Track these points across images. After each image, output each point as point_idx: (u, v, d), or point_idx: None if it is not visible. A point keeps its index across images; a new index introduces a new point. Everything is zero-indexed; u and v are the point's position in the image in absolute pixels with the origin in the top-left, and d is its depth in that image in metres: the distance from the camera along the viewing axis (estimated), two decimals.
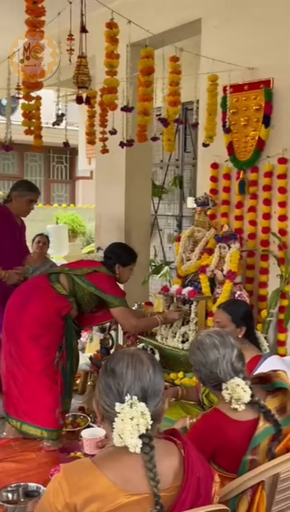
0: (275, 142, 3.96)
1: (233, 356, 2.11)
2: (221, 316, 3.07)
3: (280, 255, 3.90)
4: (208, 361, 2.11)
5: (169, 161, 7.40)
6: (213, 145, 4.13)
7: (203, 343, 2.15)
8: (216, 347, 2.11)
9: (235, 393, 2.00)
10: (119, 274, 3.77)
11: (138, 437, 1.46)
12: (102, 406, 1.55)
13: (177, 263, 4.34)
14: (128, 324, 3.73)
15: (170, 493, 1.49)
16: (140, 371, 1.53)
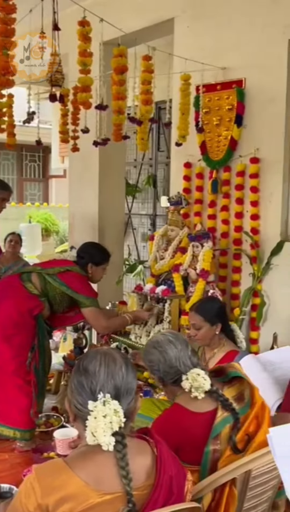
0: (247, 142, 4.00)
1: (189, 351, 2.21)
2: (194, 318, 3.11)
3: (252, 254, 3.94)
4: (167, 358, 2.17)
5: (143, 160, 7.41)
6: (186, 145, 4.15)
7: (158, 342, 2.23)
8: (173, 343, 2.20)
9: (195, 381, 2.07)
10: (92, 273, 3.75)
11: (111, 435, 1.46)
12: (74, 405, 1.54)
13: (150, 262, 4.35)
14: (98, 324, 3.72)
15: (142, 491, 1.49)
16: (113, 369, 1.54)
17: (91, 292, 3.67)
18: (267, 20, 3.80)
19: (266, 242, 3.91)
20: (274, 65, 3.78)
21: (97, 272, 3.78)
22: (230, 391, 2.12)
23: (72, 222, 6.03)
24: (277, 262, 3.86)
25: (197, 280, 3.84)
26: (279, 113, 3.79)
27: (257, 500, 2.02)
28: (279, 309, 3.86)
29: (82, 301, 3.59)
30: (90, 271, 3.73)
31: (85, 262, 3.72)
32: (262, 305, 3.93)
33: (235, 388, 2.14)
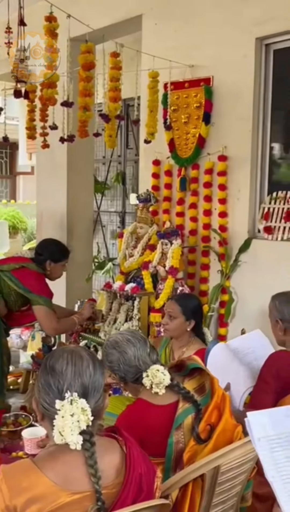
0: (215, 140, 4.03)
1: (147, 348, 2.23)
2: (172, 307, 3.12)
3: (221, 251, 3.98)
4: (126, 357, 2.19)
5: (112, 157, 7.38)
6: (154, 142, 4.16)
7: (117, 342, 2.25)
8: (131, 342, 2.22)
9: (155, 377, 2.10)
10: (50, 270, 3.66)
11: (78, 433, 1.45)
12: (42, 404, 1.53)
13: (119, 259, 4.34)
14: (48, 325, 3.58)
15: (111, 490, 1.49)
16: (80, 368, 1.53)
17: (44, 291, 3.56)
18: (235, 18, 3.83)
19: (234, 239, 3.95)
20: (242, 63, 3.82)
21: (56, 269, 3.71)
22: (191, 383, 2.17)
23: (40, 219, 5.97)
24: (245, 259, 3.90)
25: (166, 277, 3.85)
26: (246, 111, 3.83)
27: (226, 495, 2.04)
28: (247, 305, 3.90)
29: (34, 299, 3.49)
30: (48, 268, 3.65)
31: (43, 259, 3.65)
32: (230, 302, 3.97)
33: (196, 380, 2.18)
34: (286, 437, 1.48)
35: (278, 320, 2.66)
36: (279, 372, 2.50)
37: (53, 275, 3.72)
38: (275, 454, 1.45)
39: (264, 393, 2.51)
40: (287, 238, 3.69)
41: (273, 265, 3.73)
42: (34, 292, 3.49)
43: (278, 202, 3.79)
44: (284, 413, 1.54)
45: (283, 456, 1.46)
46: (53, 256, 3.67)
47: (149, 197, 4.17)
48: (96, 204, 7.28)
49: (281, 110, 3.89)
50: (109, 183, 7.39)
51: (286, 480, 1.43)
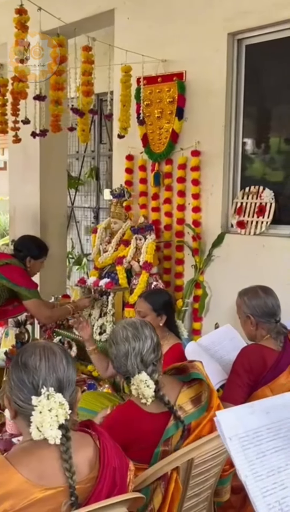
0: (188, 135, 4.04)
1: (145, 348, 2.10)
2: (142, 305, 3.10)
3: (194, 246, 4.00)
4: (118, 354, 2.11)
5: (85, 152, 7.36)
6: (128, 137, 4.15)
7: (116, 336, 2.15)
8: (127, 340, 2.11)
9: (139, 389, 2.01)
10: (30, 267, 3.71)
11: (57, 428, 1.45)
12: (15, 402, 1.52)
13: (93, 255, 4.33)
14: (41, 315, 3.71)
15: (85, 485, 1.49)
16: (53, 362, 1.53)
17: (31, 284, 3.65)
18: (207, 14, 3.84)
19: (207, 234, 3.98)
20: (214, 58, 3.84)
21: (35, 266, 3.75)
22: (189, 392, 2.10)
23: (13, 215, 5.92)
24: (218, 254, 3.93)
25: (140, 273, 3.86)
26: (219, 106, 3.85)
27: (200, 488, 2.05)
28: (220, 299, 3.93)
29: (23, 293, 3.55)
30: (28, 265, 3.69)
31: (23, 256, 3.68)
32: (204, 296, 4.00)
33: (194, 389, 2.11)
34: (254, 434, 1.49)
35: (249, 315, 2.68)
36: (251, 365, 2.53)
37: (32, 271, 3.78)
38: (246, 451, 1.46)
39: (237, 387, 2.53)
40: (259, 232, 3.73)
41: (246, 259, 3.76)
42: (23, 286, 3.55)
43: (251, 197, 3.82)
44: (248, 410, 1.54)
45: (254, 453, 1.47)
46: (32, 253, 3.71)
47: (123, 192, 4.16)
48: (70, 199, 7.26)
49: (253, 105, 3.92)
50: (83, 179, 7.37)
51: (258, 478, 1.44)
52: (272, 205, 3.70)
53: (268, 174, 3.92)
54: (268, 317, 2.65)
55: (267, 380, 2.49)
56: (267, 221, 3.70)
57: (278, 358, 2.54)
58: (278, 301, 2.70)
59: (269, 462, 1.47)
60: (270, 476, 1.46)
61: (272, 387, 2.46)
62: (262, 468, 1.46)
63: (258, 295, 2.69)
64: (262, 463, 1.46)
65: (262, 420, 1.53)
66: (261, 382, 2.49)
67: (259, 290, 2.72)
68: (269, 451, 1.49)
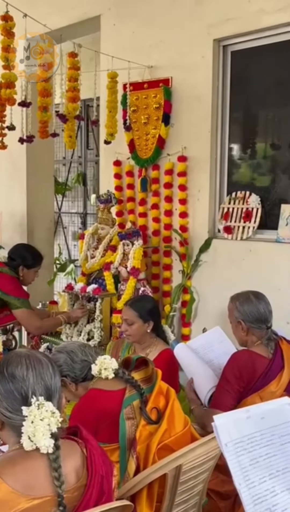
0: (175, 140, 4.05)
1: (94, 349, 2.44)
2: (128, 313, 3.10)
3: (182, 251, 4.01)
4: (73, 354, 2.34)
5: (72, 158, 7.36)
6: (115, 143, 4.16)
7: (65, 346, 2.43)
8: (78, 346, 2.40)
9: (103, 364, 2.21)
10: (23, 276, 3.68)
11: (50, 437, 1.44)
12: (3, 413, 1.50)
13: (81, 261, 4.32)
14: (31, 326, 3.69)
15: (72, 494, 1.48)
16: (40, 371, 1.52)
17: (22, 294, 3.62)
18: (192, 20, 3.86)
19: (194, 239, 3.99)
20: (200, 64, 3.86)
21: (28, 275, 3.72)
22: (138, 375, 2.26)
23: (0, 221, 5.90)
24: (205, 259, 3.94)
25: (128, 278, 3.85)
26: (205, 112, 3.87)
27: (188, 494, 2.06)
28: (208, 304, 3.94)
29: (13, 302, 3.54)
30: (21, 274, 3.67)
31: (16, 264, 3.66)
32: (191, 301, 4.00)
33: (143, 372, 2.28)
34: (248, 440, 1.50)
35: (240, 321, 2.66)
36: (241, 372, 2.51)
37: (25, 280, 3.75)
38: (240, 458, 1.47)
39: (226, 393, 2.52)
40: (246, 237, 3.74)
41: (233, 264, 3.78)
42: (13, 296, 3.53)
43: (237, 202, 3.84)
44: (245, 415, 1.55)
45: (248, 459, 1.48)
46: (26, 262, 3.69)
47: (110, 197, 4.16)
48: (57, 205, 7.25)
49: (239, 111, 3.95)
50: (70, 184, 7.36)
51: (251, 485, 1.45)
52: (259, 210, 3.72)
53: (254, 179, 3.94)
54: (259, 323, 2.63)
55: (257, 387, 2.48)
56: (253, 226, 3.72)
57: (269, 366, 2.53)
58: (270, 307, 2.68)
59: (262, 468, 1.48)
60: (262, 483, 1.47)
61: (262, 394, 2.46)
62: (254, 475, 1.47)
63: (250, 301, 2.67)
64: (255, 469, 1.47)
65: (257, 425, 1.54)
66: (251, 389, 2.48)
67: (251, 295, 2.70)
68: (262, 457, 1.50)
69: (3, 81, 3.18)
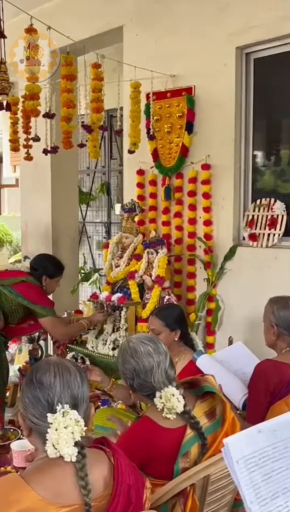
0: (198, 149, 4.06)
1: (167, 363, 2.10)
2: (154, 323, 3.08)
3: (206, 259, 3.99)
4: (142, 370, 2.07)
5: (96, 168, 7.40)
6: (138, 152, 4.17)
7: (136, 351, 2.11)
8: (150, 355, 2.08)
9: (168, 402, 1.99)
10: (46, 286, 3.73)
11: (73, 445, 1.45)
12: (30, 419, 1.52)
13: (106, 270, 4.34)
14: (57, 332, 3.75)
15: (100, 502, 1.48)
16: (68, 379, 1.53)
17: (47, 302, 3.67)
18: (214, 28, 3.87)
19: (219, 247, 3.97)
20: (222, 72, 3.86)
21: (50, 285, 3.77)
22: (203, 406, 2.09)
23: (25, 231, 5.96)
24: (230, 267, 3.92)
25: (152, 287, 3.85)
26: (228, 119, 3.86)
27: (217, 505, 2.03)
28: (234, 313, 3.92)
29: (39, 311, 3.58)
30: (44, 283, 3.72)
31: (39, 274, 3.71)
32: (217, 310, 3.98)
33: (208, 403, 2.10)
34: (260, 455, 1.48)
35: (273, 325, 2.67)
36: (268, 383, 2.51)
37: (48, 290, 3.80)
38: (252, 474, 1.45)
39: (258, 407, 2.51)
40: (271, 245, 3.71)
41: (258, 272, 3.75)
42: (39, 304, 3.58)
43: (262, 209, 3.81)
44: (256, 429, 1.52)
45: (260, 475, 1.46)
46: (48, 272, 3.73)
47: (134, 206, 4.18)
48: (81, 215, 7.29)
49: (262, 119, 3.93)
50: (94, 194, 7.41)
51: (262, 502, 1.43)
52: (284, 217, 3.69)
53: (279, 186, 3.91)
54: None
55: (283, 394, 2.46)
56: (279, 233, 3.69)
57: None
58: None
59: (274, 483, 1.46)
60: (275, 498, 1.44)
61: (288, 401, 2.44)
62: (267, 491, 1.45)
63: (288, 307, 2.68)
64: (267, 485, 1.45)
65: (269, 439, 1.51)
66: (277, 397, 2.47)
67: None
68: (275, 472, 1.48)
69: (27, 92, 3.22)
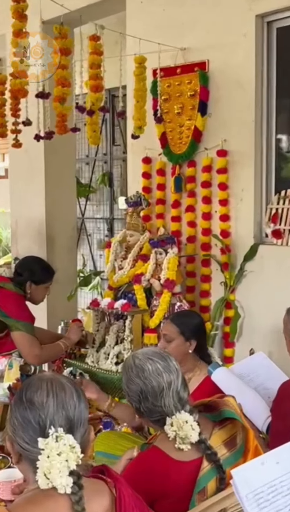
0: (213, 133, 4.05)
1: (179, 383, 2.06)
2: (168, 328, 3.07)
3: (223, 260, 3.98)
4: (150, 392, 2.03)
5: (96, 156, 7.41)
6: (144, 137, 4.16)
7: (143, 369, 2.06)
8: (160, 374, 2.04)
9: (181, 431, 1.96)
10: (31, 293, 3.69)
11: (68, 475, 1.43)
12: (19, 444, 1.50)
13: (107, 272, 4.32)
14: (29, 352, 3.61)
15: None
16: (63, 398, 1.51)
17: (23, 315, 3.59)
18: None
19: (238, 246, 3.96)
20: (241, 44, 3.85)
21: (37, 292, 3.73)
22: (221, 434, 2.07)
23: (15, 229, 5.97)
24: (251, 268, 3.91)
25: (161, 292, 3.84)
26: (248, 98, 3.85)
27: None
28: (255, 321, 3.91)
29: (11, 323, 3.52)
30: (28, 291, 3.66)
31: (23, 280, 3.66)
32: (236, 318, 3.97)
33: (227, 430, 2.08)
34: (268, 489, 1.50)
35: None
36: None
37: (34, 298, 3.75)
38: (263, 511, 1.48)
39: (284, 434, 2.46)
40: None
41: (283, 273, 3.73)
42: (12, 316, 3.52)
43: (287, 202, 3.80)
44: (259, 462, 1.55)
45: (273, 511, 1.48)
46: (34, 277, 3.69)
47: (139, 200, 4.16)
48: (80, 210, 7.31)
49: (287, 97, 3.92)
50: (94, 186, 7.42)
51: None
52: None
53: None
54: None
55: None
56: None
57: None
58: None
59: None
60: None
61: None
62: None
63: None
64: None
65: (274, 472, 1.53)
66: None
67: None
68: (288, 508, 1.50)
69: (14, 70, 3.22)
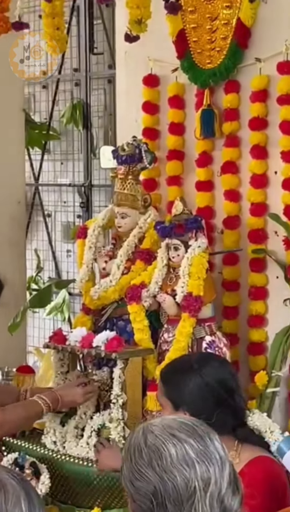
0: (270, 31, 4.08)
1: (224, 483, 1.95)
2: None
3: (289, 260, 3.97)
4: (172, 494, 1.90)
5: (61, 73, 7.40)
6: (145, 38, 4.13)
7: (162, 455, 1.94)
8: (191, 465, 1.90)
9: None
10: None
11: None
12: None
13: (80, 282, 4.32)
14: None
15: None
16: (1, 506, 1.57)
17: None
18: None
19: None
20: None
21: None
22: None
23: None
24: None
25: (179, 317, 3.84)
26: None
27: None
28: None
29: None
30: None
31: None
32: None
33: None
34: None
35: None
36: None
37: None
38: None
39: None
40: None
41: None
42: None
43: None
44: None
45: None
46: None
47: (138, 152, 4.15)
48: (32, 170, 7.32)
49: None
50: (57, 127, 7.42)
51: None
52: None
53: None
54: None
55: None
56: None
57: None
58: None
59: None
60: None
61: None
62: None
63: None
64: None
65: None
66: None
67: None
68: None
69: None
